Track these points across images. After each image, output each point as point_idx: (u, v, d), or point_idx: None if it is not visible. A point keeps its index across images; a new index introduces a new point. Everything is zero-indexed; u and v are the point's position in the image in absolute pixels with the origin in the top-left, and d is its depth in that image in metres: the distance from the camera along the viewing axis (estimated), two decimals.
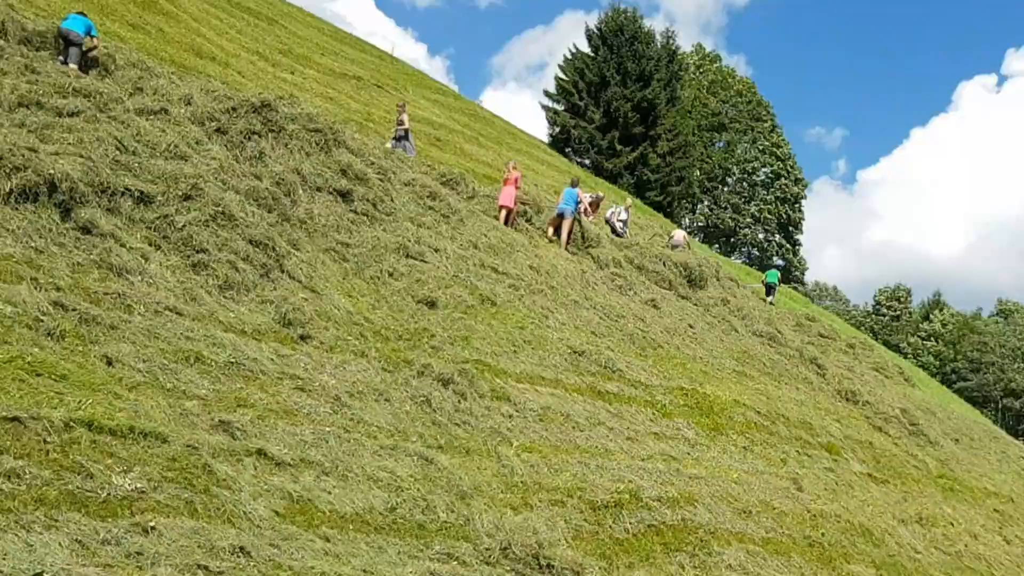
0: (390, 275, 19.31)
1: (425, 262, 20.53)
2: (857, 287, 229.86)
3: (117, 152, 16.65)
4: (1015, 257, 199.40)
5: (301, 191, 19.54)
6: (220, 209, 16.39)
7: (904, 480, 27.18)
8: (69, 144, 16.00)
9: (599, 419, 18.86)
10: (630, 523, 15.66)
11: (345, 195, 20.77)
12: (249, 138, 20.00)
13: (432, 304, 19.01)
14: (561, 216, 27.85)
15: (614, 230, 35.10)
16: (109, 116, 17.86)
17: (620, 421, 19.33)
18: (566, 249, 27.72)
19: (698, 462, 19.65)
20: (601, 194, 36.64)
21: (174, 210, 15.90)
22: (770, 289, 44.68)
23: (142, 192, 15.88)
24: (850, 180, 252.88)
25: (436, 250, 21.38)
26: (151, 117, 18.85)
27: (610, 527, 15.23)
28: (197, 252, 15.41)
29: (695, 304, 31.87)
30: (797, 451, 23.66)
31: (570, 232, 28.23)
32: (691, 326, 28.48)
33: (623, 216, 36.96)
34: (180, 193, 16.24)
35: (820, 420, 27.08)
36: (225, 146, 19.43)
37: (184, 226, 15.66)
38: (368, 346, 16.22)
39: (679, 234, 40.59)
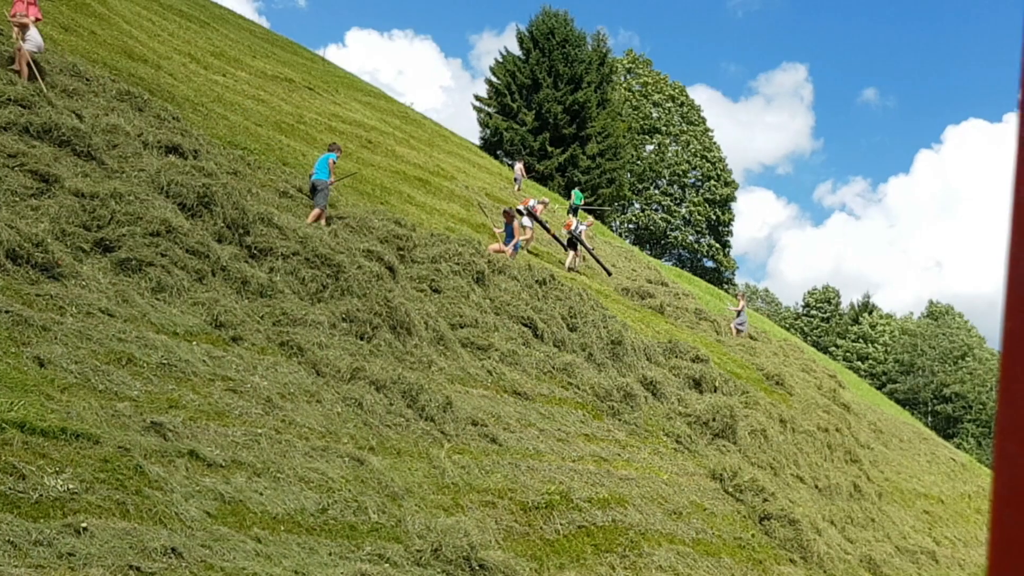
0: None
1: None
2: None
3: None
4: None
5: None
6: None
7: (835, 481, 27.53)
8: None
9: (530, 420, 18.99)
10: (561, 524, 15.80)
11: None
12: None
13: None
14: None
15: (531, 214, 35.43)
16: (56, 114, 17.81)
17: (551, 423, 19.45)
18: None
19: (628, 463, 19.81)
20: (546, 199, 36.89)
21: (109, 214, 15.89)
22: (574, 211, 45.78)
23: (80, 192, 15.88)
24: None
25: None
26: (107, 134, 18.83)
27: (541, 528, 15.36)
28: (131, 256, 15.41)
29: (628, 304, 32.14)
30: (731, 452, 23.92)
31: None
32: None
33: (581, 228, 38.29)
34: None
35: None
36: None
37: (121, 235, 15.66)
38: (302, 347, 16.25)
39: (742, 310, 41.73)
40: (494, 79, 75.83)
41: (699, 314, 39.45)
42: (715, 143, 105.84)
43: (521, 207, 36.81)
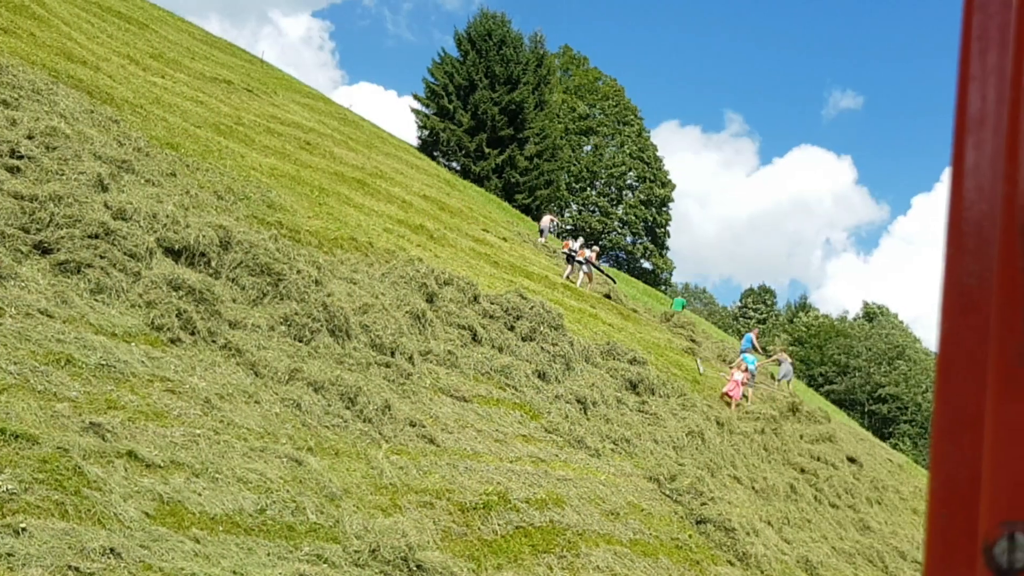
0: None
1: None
2: None
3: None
4: None
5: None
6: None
7: (771, 483, 27.76)
8: None
9: (467, 421, 19.08)
10: (498, 525, 15.90)
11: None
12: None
13: None
14: None
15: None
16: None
17: (488, 424, 19.55)
18: None
19: (566, 464, 19.94)
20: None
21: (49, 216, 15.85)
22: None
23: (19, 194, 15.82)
24: None
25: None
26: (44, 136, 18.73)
27: (478, 529, 15.45)
28: (69, 258, 15.37)
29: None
30: (668, 454, 24.09)
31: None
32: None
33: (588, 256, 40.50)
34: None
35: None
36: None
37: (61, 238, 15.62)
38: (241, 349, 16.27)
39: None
40: (431, 80, 75.84)
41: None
42: (651, 144, 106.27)
43: (579, 258, 38.90)
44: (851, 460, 35.48)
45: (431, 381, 19.67)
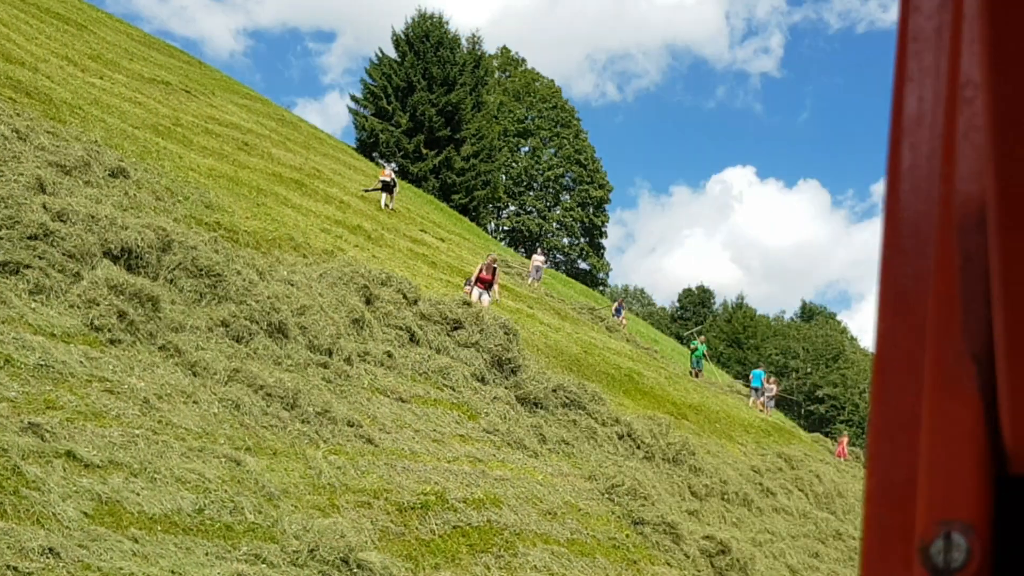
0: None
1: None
2: None
3: None
4: None
5: None
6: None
7: (705, 481, 27.99)
8: None
9: (405, 421, 19.14)
10: (436, 524, 15.98)
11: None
12: None
13: None
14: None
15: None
16: None
17: (426, 424, 19.63)
18: None
19: (503, 464, 20.03)
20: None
21: None
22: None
23: None
24: None
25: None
26: None
27: (416, 528, 15.53)
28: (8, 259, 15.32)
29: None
30: (606, 455, 24.24)
31: None
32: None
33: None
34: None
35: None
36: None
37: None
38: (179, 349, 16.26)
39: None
40: (369, 81, 75.77)
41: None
42: (589, 145, 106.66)
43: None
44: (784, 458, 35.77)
45: (369, 381, 19.71)
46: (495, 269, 31.67)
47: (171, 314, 16.94)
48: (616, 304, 50.81)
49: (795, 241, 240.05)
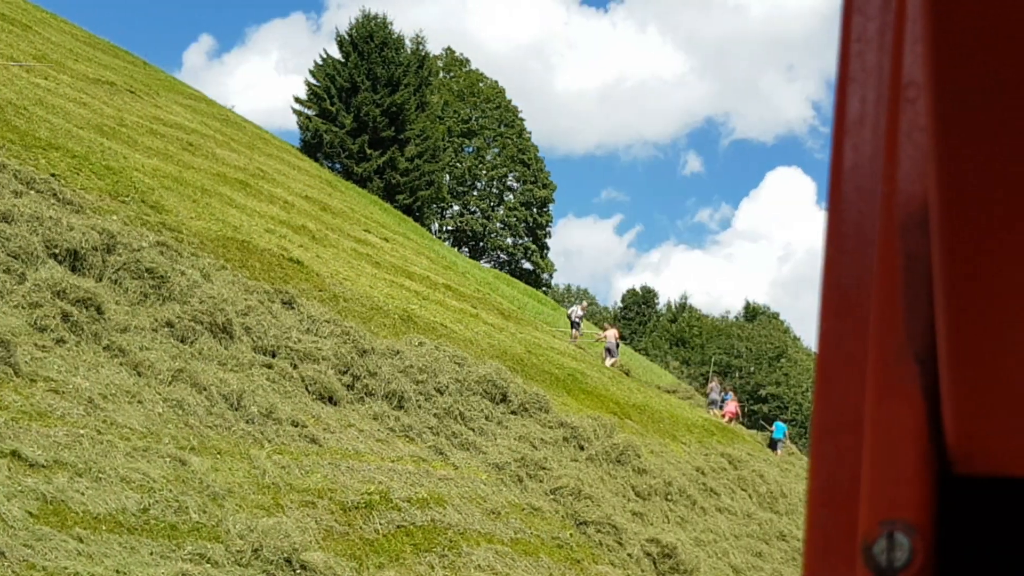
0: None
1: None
2: None
3: None
4: None
5: None
6: None
7: (648, 482, 28.13)
8: None
9: (350, 421, 19.19)
10: (380, 524, 16.05)
11: None
12: None
13: None
14: None
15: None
16: None
17: (371, 423, 19.68)
18: None
19: (448, 464, 20.12)
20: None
21: None
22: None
23: None
24: None
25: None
26: None
27: (360, 528, 15.60)
28: None
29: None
30: (548, 455, 24.35)
31: None
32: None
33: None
34: None
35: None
36: None
37: None
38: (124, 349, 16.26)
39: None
40: (313, 81, 75.61)
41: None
42: (532, 145, 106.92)
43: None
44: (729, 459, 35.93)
45: (316, 383, 19.73)
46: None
47: (115, 315, 16.93)
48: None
49: None
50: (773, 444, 47.19)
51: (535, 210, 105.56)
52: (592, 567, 19.85)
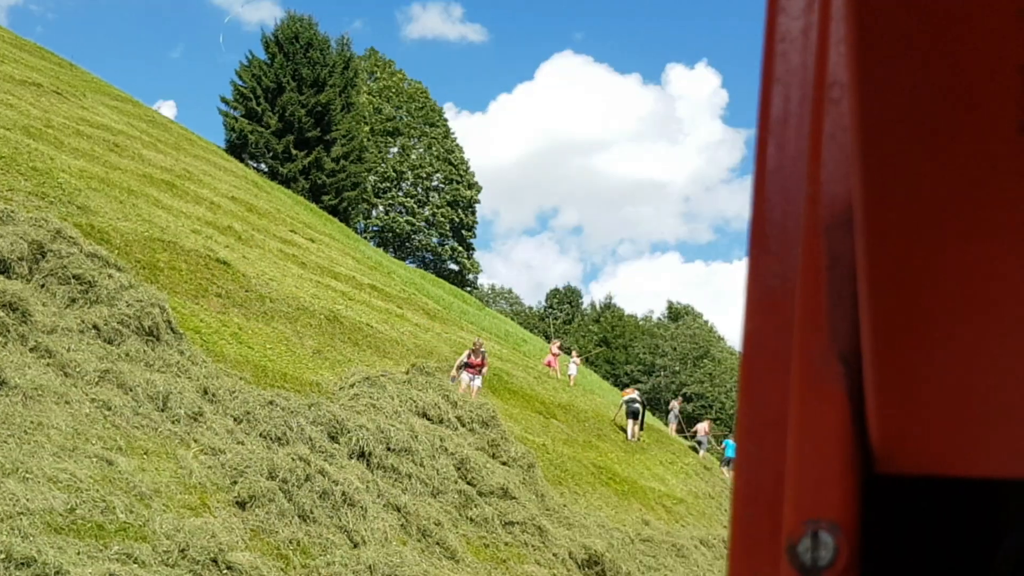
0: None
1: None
2: None
3: None
4: None
5: None
6: None
7: (576, 481, 28.34)
8: None
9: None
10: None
11: None
12: None
13: None
14: None
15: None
16: None
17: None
18: None
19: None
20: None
21: None
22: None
23: None
24: None
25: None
26: None
27: (287, 528, 15.70)
28: None
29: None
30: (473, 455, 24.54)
31: None
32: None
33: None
34: None
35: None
36: None
37: None
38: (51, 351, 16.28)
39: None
40: (239, 82, 75.29)
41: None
42: (457, 145, 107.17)
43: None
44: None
45: (243, 385, 19.81)
46: (483, 353, 30.25)
47: (43, 317, 16.95)
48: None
49: None
50: (728, 462, 46.99)
51: (461, 210, 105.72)
52: (518, 567, 20.00)
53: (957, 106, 0.93)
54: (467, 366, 29.40)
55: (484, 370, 30.10)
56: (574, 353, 48.22)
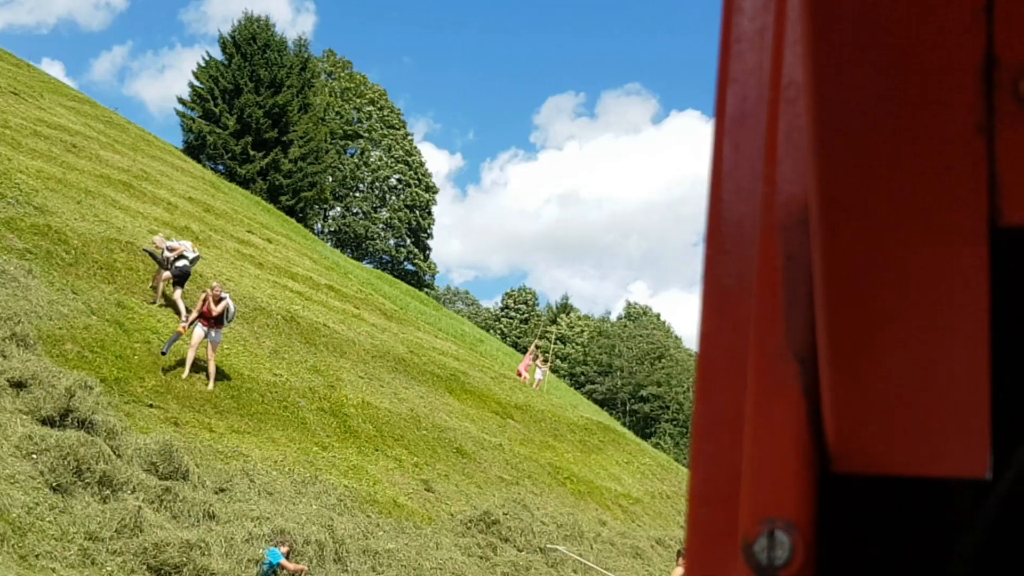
0: None
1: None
2: None
3: None
4: None
5: None
6: None
7: (533, 481, 28.48)
8: None
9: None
10: None
11: None
12: None
13: None
14: None
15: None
16: None
17: None
18: None
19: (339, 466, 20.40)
20: None
21: None
22: None
23: None
24: None
25: None
26: None
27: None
28: None
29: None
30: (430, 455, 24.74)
31: None
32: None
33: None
34: None
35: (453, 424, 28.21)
36: None
37: None
38: None
39: None
40: (196, 83, 75.01)
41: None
42: (416, 148, 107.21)
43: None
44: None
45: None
46: (225, 299, 23.08)
47: None
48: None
49: None
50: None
51: (418, 212, 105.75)
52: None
53: (913, 106, 0.94)
54: (202, 316, 22.67)
55: (228, 323, 23.36)
56: (539, 359, 47.86)
